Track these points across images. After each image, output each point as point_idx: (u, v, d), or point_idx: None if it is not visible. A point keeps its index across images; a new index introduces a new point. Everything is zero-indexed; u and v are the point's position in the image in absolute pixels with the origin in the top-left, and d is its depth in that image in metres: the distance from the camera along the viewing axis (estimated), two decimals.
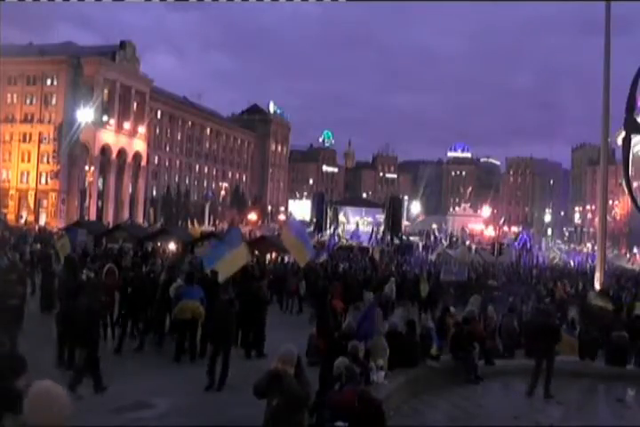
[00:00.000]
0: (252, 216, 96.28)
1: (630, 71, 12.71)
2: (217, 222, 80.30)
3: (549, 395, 10.69)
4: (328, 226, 67.23)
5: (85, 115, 68.09)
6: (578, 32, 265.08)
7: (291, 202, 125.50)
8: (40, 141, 70.19)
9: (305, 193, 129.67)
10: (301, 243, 17.02)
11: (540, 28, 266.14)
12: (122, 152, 79.77)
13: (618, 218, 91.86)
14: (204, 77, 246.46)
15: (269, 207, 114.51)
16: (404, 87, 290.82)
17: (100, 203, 77.05)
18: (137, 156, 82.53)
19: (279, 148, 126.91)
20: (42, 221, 67.71)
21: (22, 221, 67.27)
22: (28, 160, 72.88)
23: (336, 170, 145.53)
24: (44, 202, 72.89)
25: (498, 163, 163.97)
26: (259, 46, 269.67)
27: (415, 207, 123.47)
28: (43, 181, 72.51)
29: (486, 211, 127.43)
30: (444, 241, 69.97)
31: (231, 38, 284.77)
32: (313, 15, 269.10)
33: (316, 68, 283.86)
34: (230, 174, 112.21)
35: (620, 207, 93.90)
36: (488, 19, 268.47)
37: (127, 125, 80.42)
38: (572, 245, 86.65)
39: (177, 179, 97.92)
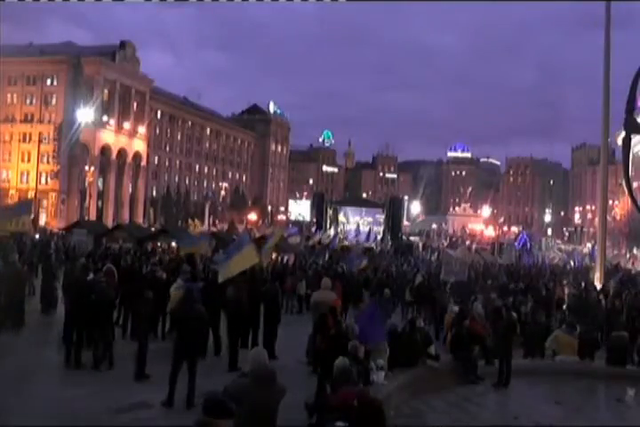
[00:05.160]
0: (252, 216, 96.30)
1: (632, 68, 12.65)
2: (217, 222, 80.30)
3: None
4: (328, 226, 67.29)
5: (85, 115, 68.15)
6: (578, 26, 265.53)
7: (291, 202, 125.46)
8: (40, 141, 69.89)
9: (305, 193, 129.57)
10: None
11: (540, 23, 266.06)
12: (122, 152, 79.79)
13: (618, 218, 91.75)
14: (201, 75, 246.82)
15: (269, 207, 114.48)
16: (403, 86, 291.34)
17: (100, 203, 77.04)
18: (137, 156, 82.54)
19: (279, 148, 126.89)
20: (42, 221, 67.67)
21: None
22: (28, 160, 72.73)
23: (336, 170, 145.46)
24: (44, 202, 72.82)
25: (498, 163, 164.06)
26: (256, 44, 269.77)
27: (415, 207, 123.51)
28: (43, 181, 72.31)
29: (486, 211, 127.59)
30: (443, 241, 70.01)
31: (228, 36, 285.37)
32: (310, 13, 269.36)
33: (314, 67, 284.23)
34: (230, 174, 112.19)
35: (620, 207, 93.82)
36: (487, 15, 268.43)
37: (127, 125, 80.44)
38: (572, 246, 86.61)
39: (177, 179, 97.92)
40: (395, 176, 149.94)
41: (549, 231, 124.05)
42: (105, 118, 76.81)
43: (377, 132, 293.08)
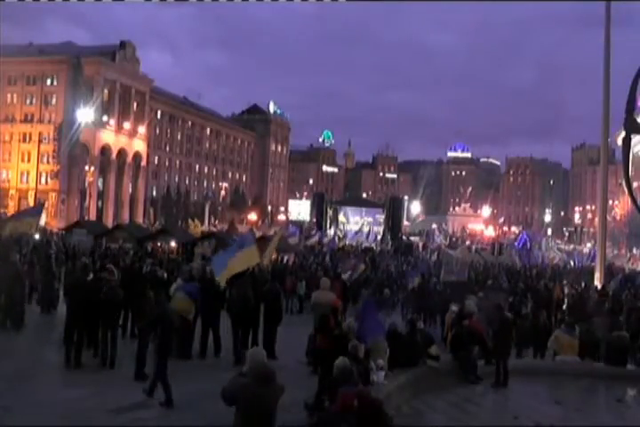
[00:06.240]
0: (252, 216, 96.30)
1: (632, 68, 12.62)
2: (217, 222, 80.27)
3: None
4: (328, 226, 67.25)
5: (85, 115, 68.13)
6: (578, 26, 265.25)
7: (291, 202, 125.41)
8: (40, 141, 70.08)
9: (305, 193, 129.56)
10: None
11: (540, 23, 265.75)
12: (122, 152, 79.81)
13: (618, 218, 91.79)
14: (201, 75, 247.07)
15: (269, 207, 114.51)
16: (403, 86, 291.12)
17: (100, 203, 77.07)
18: (137, 156, 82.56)
19: (279, 148, 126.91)
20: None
21: None
22: (28, 160, 72.82)
23: (336, 170, 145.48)
24: (44, 202, 72.74)
25: (498, 163, 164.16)
26: (256, 44, 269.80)
27: (415, 207, 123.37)
28: (43, 181, 72.43)
29: (486, 211, 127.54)
30: (443, 241, 69.92)
31: (228, 36, 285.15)
32: (310, 13, 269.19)
33: (314, 67, 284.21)
34: (230, 174, 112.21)
35: (620, 207, 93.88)
36: (487, 15, 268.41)
37: (127, 125, 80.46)
38: (572, 246, 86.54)
39: (177, 179, 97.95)
40: (395, 176, 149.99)
41: (549, 231, 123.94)
42: (105, 118, 76.82)
43: (377, 132, 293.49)
